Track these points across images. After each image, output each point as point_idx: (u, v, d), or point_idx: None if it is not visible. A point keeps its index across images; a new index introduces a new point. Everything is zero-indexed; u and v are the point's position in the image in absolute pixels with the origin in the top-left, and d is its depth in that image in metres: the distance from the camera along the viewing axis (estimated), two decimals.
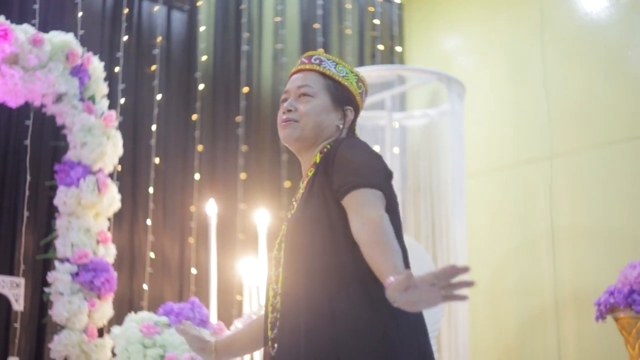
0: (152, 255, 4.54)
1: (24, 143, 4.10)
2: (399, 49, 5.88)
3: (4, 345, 3.92)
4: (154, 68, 4.78)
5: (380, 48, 5.79)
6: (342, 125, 2.12)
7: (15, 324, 3.91)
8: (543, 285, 4.72)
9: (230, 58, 5.12)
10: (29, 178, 4.09)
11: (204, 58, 5.02)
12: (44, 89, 3.75)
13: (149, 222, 4.57)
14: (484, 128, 5.22)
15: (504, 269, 4.97)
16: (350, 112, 2.13)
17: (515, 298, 4.87)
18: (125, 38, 4.69)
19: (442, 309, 4.11)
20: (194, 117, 4.89)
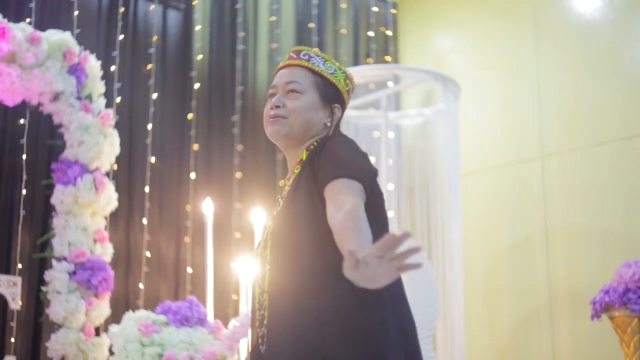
0: (148, 254, 4.54)
1: (20, 142, 4.09)
2: (393, 49, 5.90)
3: (0, 345, 3.91)
4: (150, 67, 4.78)
5: (375, 48, 5.80)
6: (329, 123, 2.12)
7: (12, 323, 3.91)
8: (537, 284, 4.73)
9: (226, 57, 5.12)
10: (25, 177, 4.08)
11: (200, 57, 5.02)
12: (41, 88, 3.75)
13: (145, 221, 4.57)
14: (477, 128, 5.22)
15: (498, 268, 4.99)
16: (338, 109, 2.13)
17: (509, 297, 4.89)
18: (121, 37, 4.68)
19: (437, 309, 4.12)
20: (190, 116, 4.89)
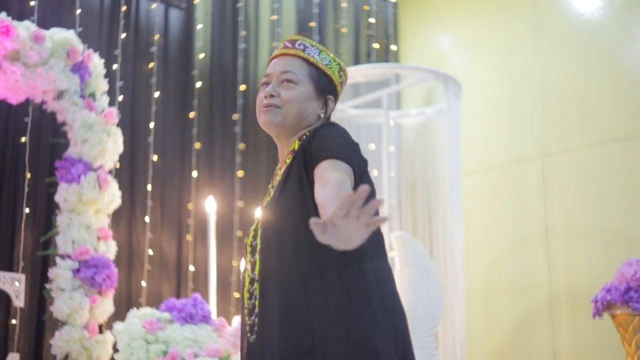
0: (150, 252, 4.55)
1: (23, 140, 4.10)
2: (394, 48, 5.92)
3: (4, 342, 3.92)
4: (152, 66, 4.79)
5: (376, 46, 5.82)
6: (323, 115, 2.11)
7: (14, 321, 3.92)
8: (537, 283, 4.74)
9: (227, 56, 5.13)
10: (28, 175, 4.09)
11: (201, 56, 5.02)
12: (45, 86, 3.75)
13: (147, 219, 4.58)
14: (478, 127, 5.23)
15: (499, 267, 4.99)
16: (332, 101, 2.13)
17: (510, 296, 4.90)
18: (123, 36, 4.69)
19: (440, 307, 4.13)
20: (192, 114, 4.90)
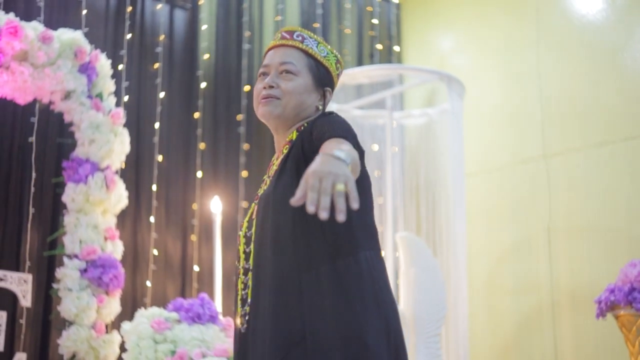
0: (155, 253, 4.56)
1: (29, 140, 4.11)
2: (397, 49, 5.94)
3: (11, 342, 3.93)
4: (157, 66, 4.80)
5: (379, 47, 5.84)
6: (321, 107, 2.11)
7: (21, 320, 3.93)
8: (540, 284, 4.76)
9: (232, 57, 5.15)
10: (34, 175, 4.10)
11: (206, 56, 5.04)
12: (53, 86, 3.77)
13: (152, 219, 4.59)
14: (480, 128, 5.25)
15: (501, 268, 5.01)
16: (329, 93, 2.12)
17: (512, 297, 4.91)
18: (129, 36, 4.71)
19: (444, 307, 4.15)
20: (196, 115, 4.91)
